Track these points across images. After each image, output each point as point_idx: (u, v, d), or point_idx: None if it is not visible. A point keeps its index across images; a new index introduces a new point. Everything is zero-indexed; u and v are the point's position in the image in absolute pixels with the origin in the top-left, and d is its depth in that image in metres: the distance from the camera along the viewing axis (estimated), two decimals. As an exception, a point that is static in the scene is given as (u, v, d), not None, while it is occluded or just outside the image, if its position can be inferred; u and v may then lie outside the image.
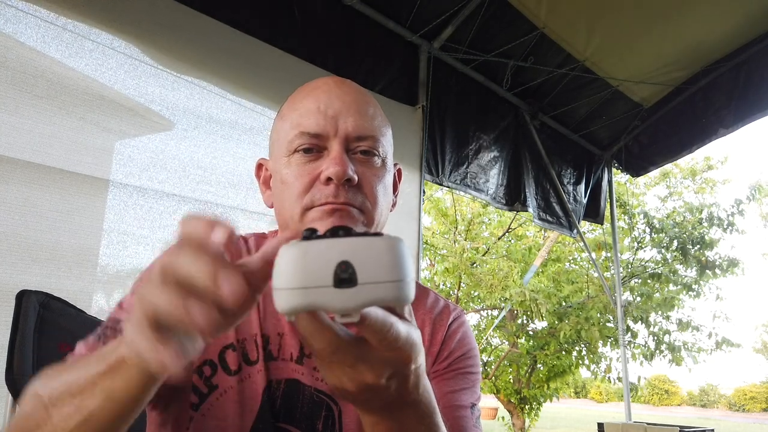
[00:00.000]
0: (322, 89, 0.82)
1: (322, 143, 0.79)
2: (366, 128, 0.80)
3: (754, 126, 4.90)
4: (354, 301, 0.38)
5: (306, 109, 0.80)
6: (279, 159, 0.82)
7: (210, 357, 0.79)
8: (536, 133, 3.88)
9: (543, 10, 3.18)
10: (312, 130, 0.79)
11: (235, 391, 0.78)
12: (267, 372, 0.79)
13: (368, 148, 0.80)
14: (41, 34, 1.70)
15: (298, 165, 0.79)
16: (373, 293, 0.38)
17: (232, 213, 2.18)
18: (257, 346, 0.80)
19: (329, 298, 0.37)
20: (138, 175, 1.89)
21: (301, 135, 0.79)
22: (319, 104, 0.80)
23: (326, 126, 0.79)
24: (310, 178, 0.78)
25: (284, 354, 0.81)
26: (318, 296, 0.37)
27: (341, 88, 0.82)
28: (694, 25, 3.57)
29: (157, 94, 1.96)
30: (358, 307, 0.38)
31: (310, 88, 0.83)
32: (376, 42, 2.90)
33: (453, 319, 0.89)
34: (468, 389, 0.84)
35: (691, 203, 9.76)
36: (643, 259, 9.65)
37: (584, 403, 30.31)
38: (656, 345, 8.93)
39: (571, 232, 4.30)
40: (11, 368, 1.14)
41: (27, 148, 1.63)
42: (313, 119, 0.79)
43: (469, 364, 0.87)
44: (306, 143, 0.79)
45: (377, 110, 0.84)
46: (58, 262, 1.68)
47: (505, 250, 9.34)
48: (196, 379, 0.78)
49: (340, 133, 0.79)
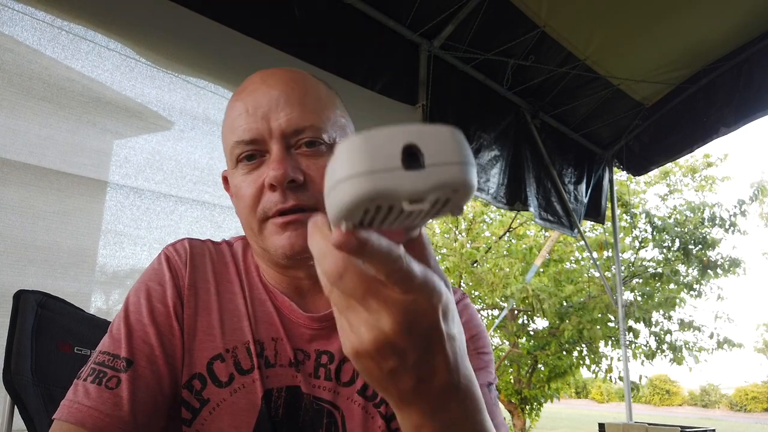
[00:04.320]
0: (247, 90, 0.77)
1: (261, 147, 0.75)
2: (301, 119, 0.74)
3: (754, 125, 4.90)
4: (424, 183, 0.36)
5: (237, 114, 0.76)
6: (230, 170, 0.80)
7: (198, 370, 0.76)
8: (537, 132, 3.87)
9: (544, 8, 3.17)
10: (246, 136, 0.74)
11: (228, 403, 0.75)
12: (263, 380, 0.76)
13: (311, 139, 0.74)
14: (38, 35, 1.69)
15: (244, 175, 0.76)
16: (442, 175, 0.36)
17: (230, 213, 2.17)
18: (250, 354, 0.77)
19: (399, 182, 0.36)
20: (135, 176, 1.88)
21: (238, 144, 0.75)
22: (247, 106, 0.75)
23: (259, 128, 0.74)
24: (257, 186, 0.74)
25: (281, 359, 0.78)
26: (387, 180, 0.35)
27: (266, 82, 0.76)
28: (695, 24, 3.56)
29: (154, 95, 1.96)
30: (428, 189, 0.36)
31: (238, 89, 0.79)
32: (376, 41, 2.90)
33: (457, 301, 0.86)
34: (483, 369, 0.80)
35: (693, 202, 9.75)
36: (645, 259, 9.64)
37: (585, 403, 30.29)
38: (657, 345, 8.92)
39: (572, 231, 4.29)
40: (9, 368, 1.13)
41: (24, 149, 1.62)
42: (244, 124, 0.75)
43: (481, 345, 0.83)
44: (245, 151, 0.75)
45: (312, 94, 0.77)
46: (55, 264, 1.67)
47: (506, 249, 9.34)
48: (187, 394, 0.76)
49: (275, 132, 0.74)
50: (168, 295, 0.78)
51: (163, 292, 0.79)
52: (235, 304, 0.81)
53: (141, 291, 0.79)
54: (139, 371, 0.73)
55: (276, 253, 0.75)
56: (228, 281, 0.82)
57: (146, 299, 0.78)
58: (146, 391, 0.72)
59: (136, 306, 0.78)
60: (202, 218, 2.06)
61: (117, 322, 0.78)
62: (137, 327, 0.76)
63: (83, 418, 0.69)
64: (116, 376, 0.71)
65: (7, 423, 1.16)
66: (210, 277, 0.82)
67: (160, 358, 0.74)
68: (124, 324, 0.76)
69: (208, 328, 0.78)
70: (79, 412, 0.69)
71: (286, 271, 0.80)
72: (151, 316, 0.77)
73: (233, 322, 0.79)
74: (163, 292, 0.79)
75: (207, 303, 0.80)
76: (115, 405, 0.70)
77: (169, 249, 0.83)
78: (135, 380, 0.72)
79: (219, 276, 0.82)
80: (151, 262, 0.83)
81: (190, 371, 0.76)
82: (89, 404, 0.69)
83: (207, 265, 0.82)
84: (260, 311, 0.81)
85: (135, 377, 0.72)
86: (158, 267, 0.81)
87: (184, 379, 0.76)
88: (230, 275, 0.83)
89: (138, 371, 0.73)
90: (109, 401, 0.70)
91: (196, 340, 0.77)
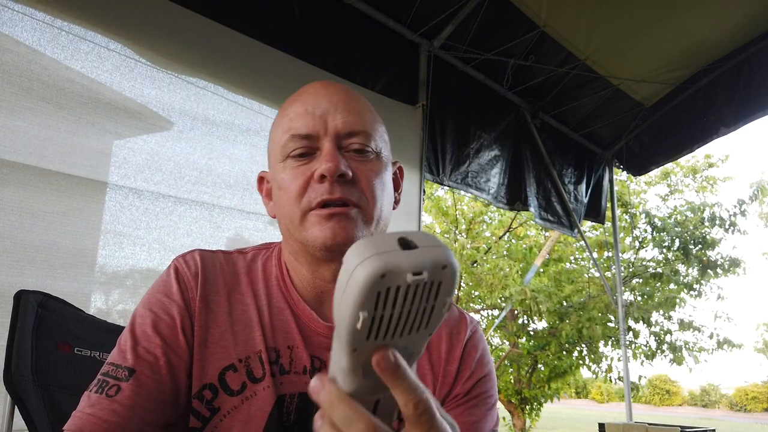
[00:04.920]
0: (309, 92, 0.83)
1: (313, 144, 0.79)
2: (356, 123, 0.80)
3: (755, 125, 4.90)
4: (420, 257, 0.44)
5: (295, 112, 0.81)
6: (275, 166, 0.83)
7: (210, 380, 0.78)
8: (537, 132, 3.87)
9: (544, 8, 3.17)
10: (302, 131, 0.79)
11: (239, 410, 0.77)
12: (276, 387, 0.79)
13: (360, 145, 0.80)
14: (37, 35, 1.69)
15: (293, 168, 0.80)
16: (432, 252, 0.45)
17: (229, 214, 2.17)
18: (262, 362, 0.79)
19: (401, 258, 0.43)
20: (134, 176, 1.88)
21: (293, 138, 0.80)
22: (306, 106, 0.81)
23: (315, 126, 0.79)
24: (305, 179, 0.78)
25: (296, 367, 0.80)
26: (391, 257, 0.43)
27: (328, 88, 0.83)
28: (695, 24, 3.56)
29: (154, 95, 1.95)
30: (424, 262, 0.44)
31: (298, 93, 0.85)
32: (376, 41, 2.89)
33: (470, 333, 0.87)
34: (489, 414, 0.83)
35: (693, 202, 9.74)
36: (645, 259, 9.64)
37: (585, 403, 30.30)
38: (657, 345, 8.92)
39: (572, 231, 4.29)
40: (9, 368, 1.13)
41: (23, 150, 1.62)
42: (302, 121, 0.80)
43: (489, 386, 0.86)
44: (298, 146, 0.79)
45: (366, 107, 0.85)
46: (54, 264, 1.67)
47: (506, 249, 9.33)
48: (197, 403, 0.78)
49: (330, 131, 0.79)
50: (175, 308, 0.80)
51: (170, 304, 0.80)
52: (247, 315, 0.82)
53: (148, 303, 0.81)
54: (142, 380, 0.75)
55: (316, 243, 0.77)
56: (239, 293, 0.84)
57: (153, 311, 0.80)
58: (147, 399, 0.74)
59: (142, 317, 0.80)
60: (200, 218, 2.06)
61: (124, 334, 0.80)
62: (142, 338, 0.78)
63: (83, 425, 0.71)
64: (117, 385, 0.74)
65: (7, 423, 1.16)
66: (221, 289, 0.83)
67: (163, 368, 0.76)
68: (130, 335, 0.79)
69: (220, 339, 0.80)
70: (80, 420, 0.72)
71: (316, 269, 0.82)
72: (156, 327, 0.78)
73: (245, 332, 0.81)
74: (170, 304, 0.80)
75: (218, 315, 0.81)
76: (112, 411, 0.72)
77: (179, 261, 0.85)
78: (136, 388, 0.74)
79: (230, 287, 0.84)
80: (161, 274, 0.85)
81: (201, 382, 0.78)
82: (89, 412, 0.72)
83: (218, 276, 0.84)
84: (278, 320, 0.83)
85: (136, 385, 0.74)
86: (167, 279, 0.83)
87: (195, 389, 0.78)
88: (241, 287, 0.84)
89: (140, 380, 0.75)
90: (107, 408, 0.72)
91: (208, 351, 0.79)
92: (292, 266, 0.85)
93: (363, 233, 0.77)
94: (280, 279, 0.85)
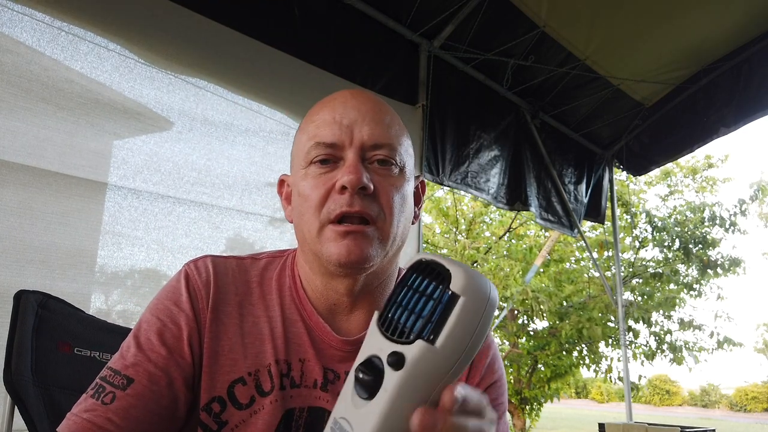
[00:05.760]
0: (338, 100, 0.82)
1: (337, 153, 0.78)
2: (382, 136, 0.79)
3: (755, 125, 4.90)
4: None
5: (322, 120, 0.80)
6: (297, 172, 0.82)
7: (218, 393, 0.77)
8: (537, 132, 3.87)
9: (544, 8, 3.17)
10: (327, 139, 0.78)
11: (247, 424, 0.77)
12: (285, 401, 0.78)
13: (385, 157, 0.79)
14: (37, 36, 1.69)
15: (315, 176, 0.79)
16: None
17: (228, 214, 2.17)
18: (271, 376, 0.78)
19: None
20: (133, 177, 1.88)
21: (317, 146, 0.79)
22: (334, 114, 0.80)
23: (341, 135, 0.78)
24: (326, 188, 0.77)
25: (307, 381, 0.79)
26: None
27: (357, 98, 0.82)
28: (695, 24, 3.55)
29: (153, 96, 1.95)
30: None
31: (326, 99, 0.84)
32: (376, 41, 2.89)
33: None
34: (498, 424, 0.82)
35: (693, 202, 9.74)
36: (645, 259, 9.63)
37: (585, 403, 30.29)
38: (657, 345, 8.92)
39: (572, 231, 4.29)
40: (9, 368, 1.13)
41: (22, 151, 1.62)
42: (328, 129, 0.79)
43: (499, 393, 0.86)
44: (322, 154, 0.78)
45: (394, 119, 0.83)
46: (54, 264, 1.67)
47: (506, 249, 9.33)
48: (205, 416, 0.77)
49: (356, 142, 0.78)
50: (183, 318, 0.78)
51: (178, 313, 0.79)
52: (258, 327, 0.81)
53: (156, 309, 0.80)
54: (139, 390, 0.74)
55: (330, 259, 0.76)
56: (250, 303, 0.83)
57: (160, 318, 0.79)
58: (143, 410, 0.73)
59: (149, 324, 0.79)
60: (199, 219, 2.06)
61: (128, 338, 0.79)
62: (146, 346, 0.77)
63: (77, 429, 0.71)
64: (113, 392, 0.73)
65: (7, 423, 1.16)
66: (232, 299, 0.82)
67: (163, 379, 0.75)
68: (134, 341, 0.78)
69: (230, 352, 0.79)
70: (75, 423, 0.72)
71: (329, 282, 0.81)
72: (162, 336, 0.77)
73: (255, 345, 0.80)
74: (178, 313, 0.79)
75: (229, 327, 0.80)
76: (107, 419, 0.71)
77: (190, 267, 0.83)
78: (132, 398, 0.73)
79: (242, 297, 0.83)
80: (171, 279, 0.83)
81: (210, 394, 0.77)
82: (85, 417, 0.72)
83: (229, 286, 0.83)
84: (291, 332, 0.82)
85: (133, 395, 0.73)
86: (176, 286, 0.81)
87: (204, 401, 0.77)
88: (253, 297, 0.83)
89: (137, 389, 0.74)
90: (102, 415, 0.72)
91: (218, 363, 0.78)
92: (305, 276, 0.84)
93: (378, 252, 0.77)
94: (293, 290, 0.84)
